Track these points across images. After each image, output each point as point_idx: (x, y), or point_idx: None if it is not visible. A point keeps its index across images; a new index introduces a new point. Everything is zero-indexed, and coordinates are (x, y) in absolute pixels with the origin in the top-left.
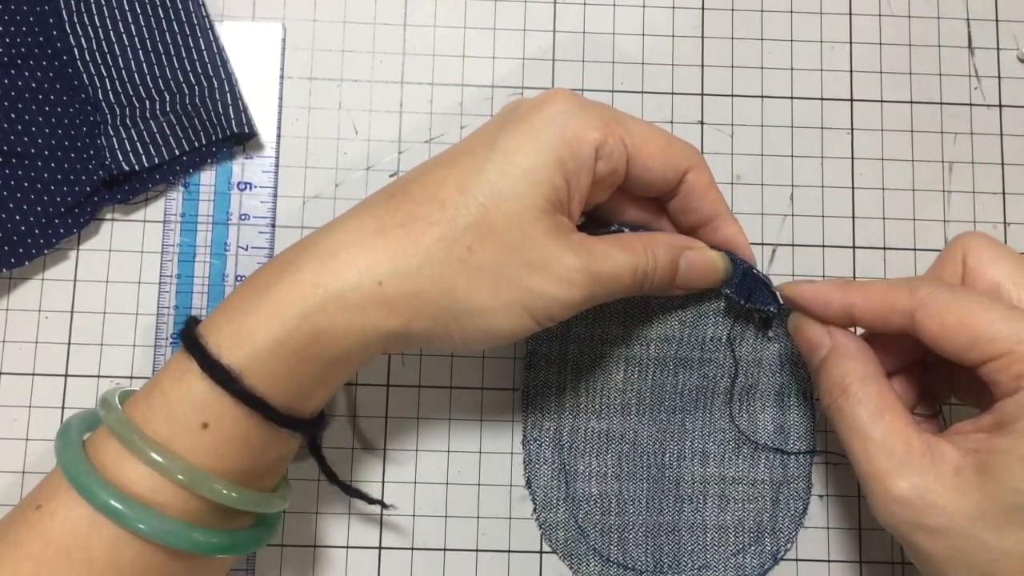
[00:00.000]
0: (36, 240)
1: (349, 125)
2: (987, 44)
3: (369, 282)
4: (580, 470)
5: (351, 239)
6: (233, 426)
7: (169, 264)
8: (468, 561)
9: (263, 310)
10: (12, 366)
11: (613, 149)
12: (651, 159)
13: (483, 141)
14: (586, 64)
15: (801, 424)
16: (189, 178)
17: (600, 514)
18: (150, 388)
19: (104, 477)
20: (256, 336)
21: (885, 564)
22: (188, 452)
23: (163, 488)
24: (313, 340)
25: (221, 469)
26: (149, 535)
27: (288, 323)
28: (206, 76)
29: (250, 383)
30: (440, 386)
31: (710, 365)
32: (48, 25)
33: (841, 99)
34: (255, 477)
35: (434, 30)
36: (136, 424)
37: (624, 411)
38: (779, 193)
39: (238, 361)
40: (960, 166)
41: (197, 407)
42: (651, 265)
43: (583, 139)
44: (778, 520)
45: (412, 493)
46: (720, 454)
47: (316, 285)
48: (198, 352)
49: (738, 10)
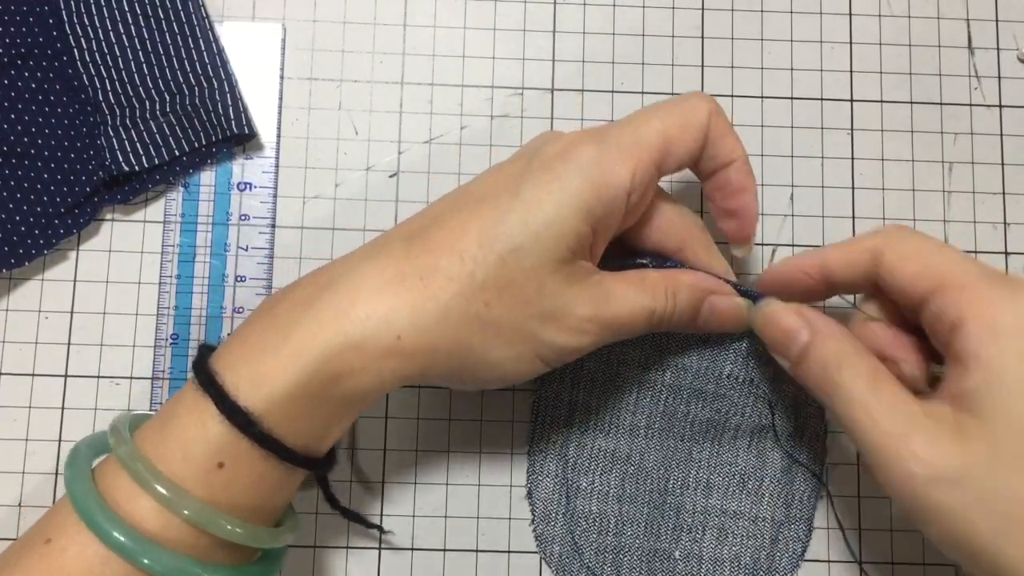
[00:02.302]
0: (36, 240)
1: (349, 125)
2: (987, 44)
3: (387, 334)
4: (582, 487)
5: (371, 287)
6: (249, 467)
7: (169, 264)
8: (468, 561)
9: (282, 353)
10: (12, 366)
11: (643, 175)
12: (679, 144)
13: (506, 187)
14: (586, 64)
15: (808, 467)
16: (189, 178)
17: (597, 533)
18: (163, 421)
19: (115, 513)
20: (275, 379)
21: (885, 564)
22: (202, 490)
23: (173, 524)
24: (332, 383)
25: (232, 506)
26: (158, 572)
27: (308, 367)
28: (206, 77)
29: (268, 426)
30: (440, 387)
31: (723, 401)
32: (48, 25)
33: (841, 99)
34: (264, 513)
35: (434, 30)
36: (148, 459)
37: (632, 433)
38: (779, 193)
39: (256, 404)
40: (960, 166)
41: (213, 447)
42: (668, 310)
43: (613, 183)
44: (775, 560)
45: (412, 493)
46: (724, 487)
47: (337, 332)
48: (214, 391)
49: (738, 10)
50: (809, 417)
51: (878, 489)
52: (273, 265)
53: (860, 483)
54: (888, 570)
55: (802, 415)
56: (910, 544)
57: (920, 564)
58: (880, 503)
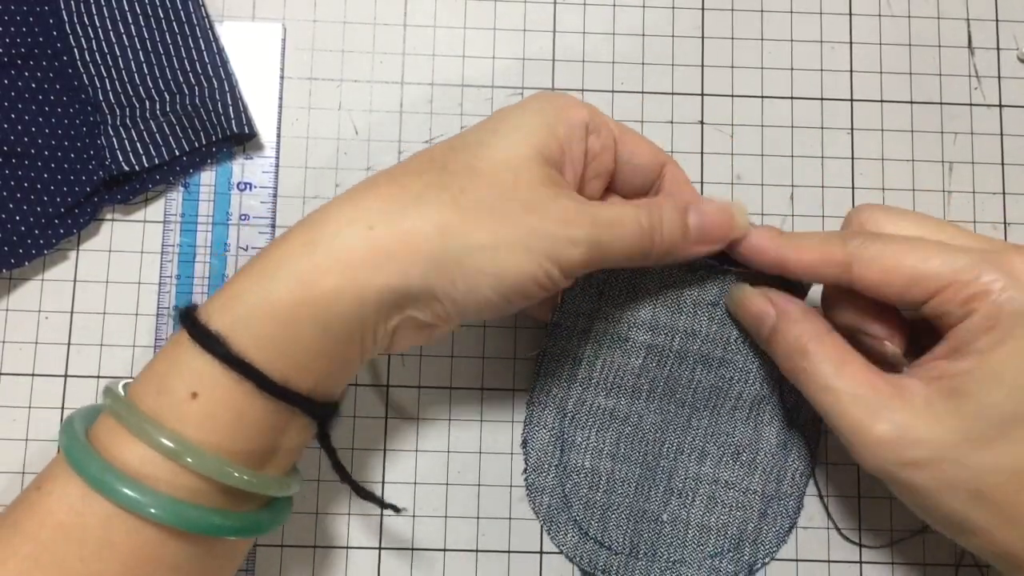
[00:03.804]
0: (36, 240)
1: (349, 125)
2: (987, 44)
3: (359, 229)
4: (577, 441)
5: (342, 199)
6: (224, 395)
7: (169, 264)
8: (468, 561)
9: (252, 273)
10: (12, 366)
11: (600, 128)
12: (637, 146)
13: (477, 123)
14: (586, 64)
15: (804, 445)
16: (189, 178)
17: (587, 488)
18: (145, 367)
19: (99, 454)
20: (244, 298)
21: (885, 564)
22: (176, 423)
23: (152, 461)
24: (304, 301)
25: (213, 444)
26: (135, 507)
27: (277, 283)
28: (206, 76)
29: (238, 347)
30: (441, 387)
31: (729, 367)
32: (48, 25)
33: (841, 99)
34: (254, 460)
35: (434, 30)
36: (133, 403)
37: (634, 394)
38: (779, 193)
39: (225, 325)
40: (960, 166)
41: (186, 376)
42: (656, 218)
43: (572, 113)
44: (762, 532)
45: (412, 493)
46: (718, 456)
47: (304, 243)
48: (188, 321)
49: (738, 10)
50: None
51: (878, 490)
52: None
53: (860, 485)
54: (888, 570)
55: (802, 394)
56: (911, 544)
57: (920, 564)
58: (881, 503)
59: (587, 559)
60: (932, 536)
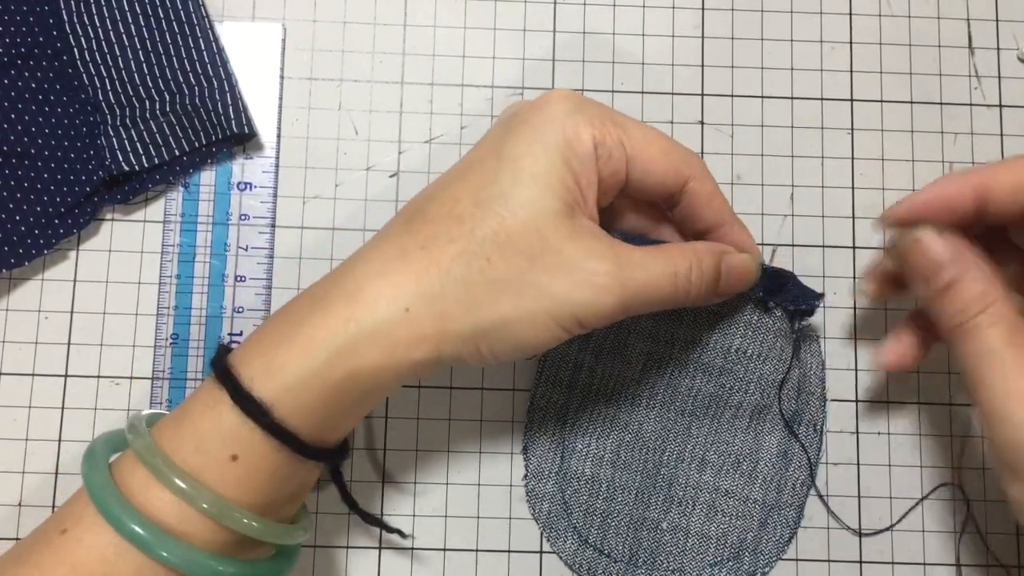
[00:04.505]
0: (36, 240)
1: (349, 125)
2: (987, 44)
3: (397, 311)
4: (578, 448)
5: (375, 270)
6: (262, 459)
7: (169, 264)
8: (468, 561)
9: (295, 344)
10: (12, 366)
11: (612, 149)
12: (652, 163)
13: (489, 150)
14: (586, 64)
15: (803, 455)
16: (189, 178)
17: (588, 495)
18: (179, 416)
19: (131, 504)
20: (288, 369)
21: (885, 564)
22: (216, 483)
23: (189, 517)
24: (346, 377)
25: (246, 501)
26: (173, 564)
27: (320, 357)
28: (206, 76)
29: (280, 416)
30: (440, 386)
31: (728, 376)
32: (48, 25)
33: (841, 99)
34: (277, 507)
35: (434, 30)
36: (164, 452)
37: (634, 402)
38: (779, 193)
39: (269, 394)
40: (960, 166)
41: (227, 439)
42: (696, 272)
43: (581, 137)
44: (761, 542)
45: (412, 493)
46: (719, 465)
47: (346, 320)
48: (230, 383)
49: (738, 10)
50: (810, 396)
51: (877, 488)
52: (273, 265)
53: (860, 484)
54: (888, 570)
55: (803, 398)
56: (911, 544)
57: (920, 564)
58: (879, 503)
59: (586, 566)
60: (932, 536)
